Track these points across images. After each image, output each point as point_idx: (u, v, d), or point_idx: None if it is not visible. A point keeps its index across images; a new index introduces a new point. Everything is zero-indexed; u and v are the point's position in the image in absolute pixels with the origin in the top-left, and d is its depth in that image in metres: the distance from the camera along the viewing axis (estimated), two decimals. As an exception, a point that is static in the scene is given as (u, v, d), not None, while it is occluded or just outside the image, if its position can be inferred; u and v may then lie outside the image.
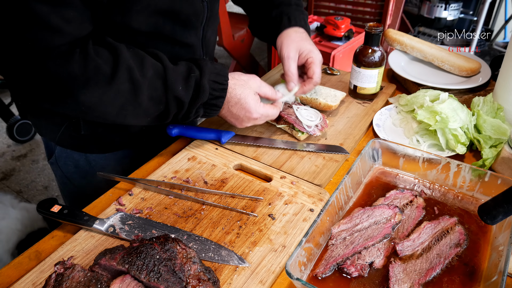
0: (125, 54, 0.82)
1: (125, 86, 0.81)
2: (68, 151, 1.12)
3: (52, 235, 0.84)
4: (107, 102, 0.81)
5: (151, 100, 0.85)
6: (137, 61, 0.83)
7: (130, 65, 0.81)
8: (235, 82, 0.95)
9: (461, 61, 1.34)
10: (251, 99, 0.96)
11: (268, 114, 1.00)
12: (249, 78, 0.98)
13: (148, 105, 0.85)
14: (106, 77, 0.79)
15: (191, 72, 0.88)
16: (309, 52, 1.08)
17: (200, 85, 0.88)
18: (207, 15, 1.02)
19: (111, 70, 0.79)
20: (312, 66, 1.08)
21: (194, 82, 0.88)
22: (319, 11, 3.37)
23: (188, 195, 0.91)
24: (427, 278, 0.73)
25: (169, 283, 0.64)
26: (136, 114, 0.87)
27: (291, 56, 1.07)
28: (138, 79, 0.82)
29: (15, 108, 3.25)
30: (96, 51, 0.79)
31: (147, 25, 0.89)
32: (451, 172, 0.91)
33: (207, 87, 0.89)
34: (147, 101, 0.85)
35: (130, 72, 0.81)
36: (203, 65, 0.90)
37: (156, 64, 0.86)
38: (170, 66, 0.87)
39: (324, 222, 0.78)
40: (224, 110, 0.97)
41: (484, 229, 0.82)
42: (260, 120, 1.01)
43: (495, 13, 3.85)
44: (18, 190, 2.78)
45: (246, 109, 0.96)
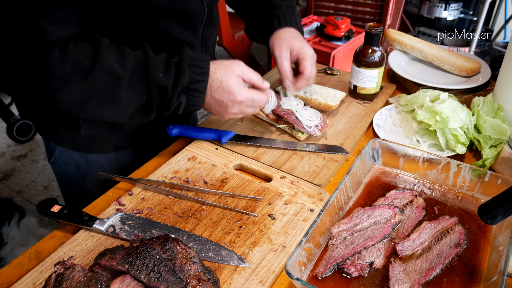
0: (105, 48, 0.81)
1: (105, 79, 0.80)
2: (68, 151, 1.12)
3: (52, 235, 0.84)
4: (86, 97, 0.81)
5: (132, 91, 0.84)
6: (118, 53, 0.83)
7: (109, 59, 0.81)
8: (216, 66, 0.93)
9: (461, 61, 1.34)
10: (233, 81, 0.92)
11: (254, 99, 0.96)
12: (231, 62, 0.96)
13: (130, 97, 0.84)
14: (85, 72, 0.78)
15: (171, 58, 0.88)
16: (299, 49, 1.09)
17: (180, 68, 0.87)
18: (207, 16, 1.02)
19: (90, 64, 0.79)
20: (303, 62, 1.09)
21: (174, 66, 0.87)
22: (319, 11, 3.37)
23: (188, 195, 0.91)
24: (427, 278, 0.73)
25: (169, 283, 0.64)
26: (118, 108, 0.85)
27: (282, 55, 1.09)
28: (119, 72, 0.81)
29: (15, 108, 3.25)
30: (77, 46, 0.78)
31: (146, 25, 0.89)
32: (451, 172, 0.91)
33: (186, 70, 0.87)
34: (128, 94, 0.84)
35: (110, 65, 0.80)
36: (182, 51, 0.89)
37: (137, 54, 0.85)
38: (151, 55, 0.86)
39: (324, 222, 0.78)
40: (208, 98, 0.94)
41: (484, 229, 0.82)
42: (245, 106, 0.96)
43: (495, 13, 3.85)
44: (18, 190, 2.78)
45: (229, 91, 0.92)
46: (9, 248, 1.92)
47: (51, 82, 0.76)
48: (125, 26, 0.87)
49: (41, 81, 0.76)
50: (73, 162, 1.14)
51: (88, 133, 1.05)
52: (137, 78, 0.84)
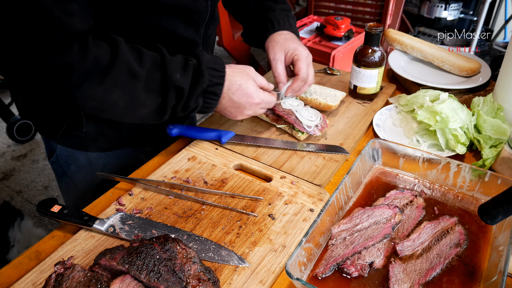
0: (123, 46, 0.82)
1: (123, 77, 0.81)
2: (69, 149, 1.12)
3: (52, 235, 0.84)
4: (105, 94, 0.81)
5: (149, 91, 0.85)
6: (135, 53, 0.83)
7: (127, 57, 0.81)
8: (232, 70, 0.96)
9: (461, 61, 1.34)
10: (251, 85, 0.97)
11: (268, 100, 1.01)
12: (245, 67, 1.00)
13: (146, 97, 0.85)
14: (104, 69, 0.79)
15: (188, 60, 0.89)
16: (294, 51, 1.10)
17: (199, 70, 0.89)
18: (210, 13, 1.02)
19: (109, 61, 0.79)
20: (297, 63, 1.09)
21: (192, 69, 0.89)
22: (319, 11, 3.37)
23: (188, 195, 0.91)
24: (427, 278, 0.73)
25: (169, 283, 0.64)
26: (133, 106, 0.86)
27: (276, 58, 1.10)
28: (136, 70, 0.82)
29: (15, 108, 3.25)
30: (95, 44, 0.79)
31: (151, 21, 0.89)
32: (451, 172, 0.91)
33: (206, 73, 0.89)
34: (145, 93, 0.84)
35: (128, 64, 0.81)
36: (199, 54, 0.91)
37: (154, 54, 0.86)
38: (168, 56, 0.87)
39: (324, 222, 0.78)
40: (224, 100, 0.96)
41: (484, 229, 0.82)
42: (259, 107, 1.01)
43: (495, 13, 3.85)
44: (18, 190, 2.78)
45: (248, 94, 0.96)
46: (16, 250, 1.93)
47: (71, 77, 0.76)
48: (131, 23, 0.88)
49: (60, 76, 0.76)
50: (74, 160, 1.14)
51: (89, 131, 1.05)
52: (154, 77, 0.85)
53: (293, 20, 1.21)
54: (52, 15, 0.71)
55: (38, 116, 1.10)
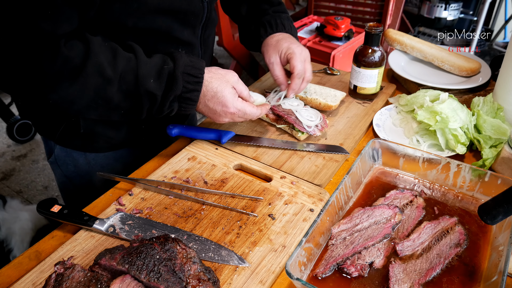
0: (96, 48, 0.80)
1: (95, 79, 0.80)
2: (68, 150, 1.12)
3: (52, 235, 0.84)
4: (76, 96, 0.80)
5: (122, 94, 0.84)
6: (109, 54, 0.82)
7: (100, 59, 0.80)
8: (211, 75, 0.93)
9: (461, 61, 1.34)
10: (227, 93, 0.93)
11: (246, 112, 0.96)
12: (226, 72, 0.96)
13: (119, 99, 0.84)
14: (75, 70, 0.78)
15: (164, 64, 0.87)
16: (287, 50, 1.09)
17: (173, 77, 0.87)
18: (206, 15, 1.02)
19: (80, 63, 0.78)
20: (291, 61, 1.08)
21: (167, 74, 0.87)
22: (319, 11, 3.37)
23: (188, 195, 0.91)
24: (427, 278, 0.73)
25: (169, 283, 0.64)
26: (108, 108, 0.85)
27: (271, 61, 1.10)
28: (108, 72, 0.81)
29: (15, 108, 3.25)
30: (68, 45, 0.78)
31: (145, 23, 0.89)
32: (451, 172, 0.91)
33: (180, 79, 0.87)
34: (118, 95, 0.83)
35: (100, 66, 0.80)
36: (177, 58, 0.88)
37: (129, 56, 0.84)
38: (143, 59, 0.85)
39: (324, 222, 0.78)
40: (201, 105, 0.94)
41: (484, 229, 0.82)
42: (237, 116, 0.96)
43: (495, 13, 3.85)
44: (18, 190, 2.78)
45: (222, 103, 0.93)
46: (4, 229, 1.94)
47: (43, 80, 0.77)
48: (124, 25, 0.87)
49: (34, 79, 0.77)
50: (72, 161, 1.14)
51: (87, 132, 1.05)
52: (127, 81, 0.83)
53: (287, 20, 1.20)
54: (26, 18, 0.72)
55: (37, 116, 1.10)
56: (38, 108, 1.07)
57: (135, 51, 0.86)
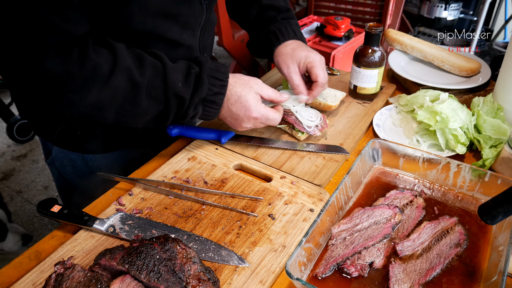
0: (124, 54, 0.82)
1: (124, 85, 0.81)
2: (65, 151, 1.12)
3: (52, 235, 0.84)
4: (105, 102, 0.81)
5: (150, 99, 0.85)
6: (136, 60, 0.83)
7: (128, 65, 0.81)
8: (235, 80, 0.94)
9: (461, 61, 1.34)
10: (251, 97, 0.94)
11: (269, 117, 0.98)
12: (250, 79, 0.98)
13: (148, 105, 0.85)
14: (104, 77, 0.79)
15: (191, 69, 0.88)
16: (306, 58, 1.08)
17: (199, 79, 0.88)
18: (206, 17, 1.02)
19: (109, 69, 0.79)
20: (313, 70, 1.07)
21: (194, 77, 0.88)
22: (319, 11, 3.37)
23: (188, 195, 0.91)
24: (427, 278, 0.73)
25: (169, 283, 0.64)
26: (135, 114, 0.86)
27: (290, 70, 1.08)
28: (137, 78, 0.82)
29: (15, 108, 3.25)
30: (95, 51, 0.79)
31: (145, 26, 0.89)
32: (451, 172, 0.91)
33: (206, 81, 0.88)
34: (147, 101, 0.84)
35: (129, 72, 0.81)
36: (203, 62, 0.90)
37: (156, 62, 0.86)
38: (169, 64, 0.87)
39: (324, 222, 0.78)
40: (224, 110, 0.95)
41: (484, 229, 0.82)
42: (259, 122, 0.98)
43: (495, 13, 3.85)
44: (18, 190, 2.78)
45: (246, 107, 0.94)
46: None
47: (70, 84, 0.76)
48: (124, 28, 0.87)
49: (59, 83, 0.76)
50: (70, 162, 1.14)
51: (84, 134, 1.05)
52: (156, 86, 0.84)
53: (296, 26, 1.19)
54: (48, 21, 0.72)
55: (35, 117, 1.10)
56: (36, 109, 1.07)
57: (159, 57, 0.87)
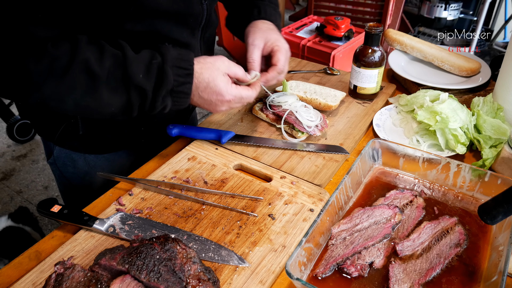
0: (83, 45, 0.80)
1: (82, 77, 0.79)
2: (67, 151, 1.12)
3: (52, 235, 0.84)
4: (65, 94, 0.79)
5: (111, 91, 0.82)
6: (96, 51, 0.81)
7: (87, 56, 0.79)
8: (201, 66, 0.90)
9: (461, 61, 1.34)
10: (220, 81, 0.90)
11: (242, 96, 0.93)
12: (216, 59, 0.93)
13: (109, 96, 0.82)
14: (61, 69, 0.77)
15: (153, 59, 0.85)
16: (275, 41, 1.05)
17: (162, 71, 0.85)
18: (206, 17, 1.01)
19: (67, 61, 0.78)
20: (277, 54, 1.04)
21: (156, 69, 0.85)
22: (319, 11, 3.37)
23: (188, 195, 0.91)
24: (427, 278, 0.73)
25: (169, 283, 0.64)
26: (98, 106, 0.84)
27: (255, 43, 1.04)
28: (96, 69, 0.80)
29: (15, 108, 3.25)
30: (54, 45, 0.78)
31: (142, 26, 0.88)
32: (451, 172, 0.91)
33: (170, 73, 0.85)
34: (107, 93, 0.82)
35: (87, 63, 0.79)
36: (165, 52, 0.86)
37: (117, 53, 0.83)
38: (130, 55, 0.84)
39: (324, 222, 0.78)
40: (195, 98, 0.92)
41: (484, 229, 0.82)
42: (234, 103, 0.94)
43: (495, 13, 3.85)
44: (18, 190, 2.78)
45: (216, 92, 0.90)
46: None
47: (29, 79, 0.76)
48: (122, 29, 0.87)
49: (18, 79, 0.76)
50: (72, 162, 1.14)
51: (86, 133, 1.05)
52: (115, 77, 0.82)
53: (279, 16, 1.17)
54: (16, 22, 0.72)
55: (36, 117, 1.10)
56: (37, 109, 1.07)
57: (122, 47, 0.84)
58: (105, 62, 0.81)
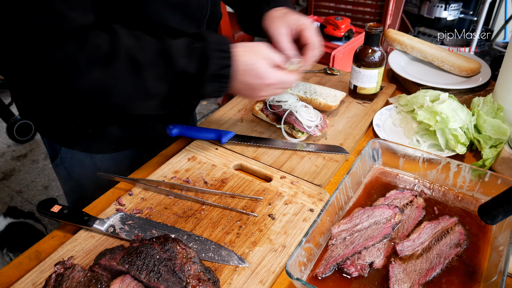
0: (122, 33, 0.79)
1: (126, 65, 0.78)
2: (74, 152, 1.10)
3: (52, 235, 0.84)
4: (109, 84, 0.78)
5: (155, 78, 0.81)
6: (135, 39, 0.80)
7: (128, 43, 0.78)
8: (241, 49, 0.89)
9: (461, 61, 1.34)
10: (261, 64, 0.88)
11: (283, 79, 0.91)
12: (255, 44, 0.92)
13: (153, 85, 0.81)
14: (105, 57, 0.76)
15: (193, 43, 0.84)
16: (297, 22, 1.02)
17: (205, 54, 0.83)
18: (210, 9, 1.00)
19: (109, 49, 0.77)
20: (305, 33, 1.02)
21: (198, 52, 0.83)
22: (319, 11, 3.37)
23: (188, 195, 0.91)
24: (427, 278, 0.73)
25: (169, 283, 0.64)
26: (141, 96, 0.82)
27: (280, 32, 1.02)
28: (139, 57, 0.79)
29: (15, 108, 3.25)
30: (94, 33, 0.77)
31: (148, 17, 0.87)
32: (451, 172, 0.91)
33: (213, 55, 0.84)
34: (152, 81, 0.81)
35: (129, 50, 0.78)
36: (205, 35, 0.85)
37: (155, 40, 0.82)
38: (170, 40, 0.83)
39: (324, 222, 0.78)
40: (236, 82, 0.89)
41: (484, 229, 0.82)
42: (275, 87, 0.92)
43: (495, 13, 3.85)
44: (18, 190, 2.78)
45: (258, 75, 0.88)
46: None
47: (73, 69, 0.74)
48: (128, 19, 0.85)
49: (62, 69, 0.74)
50: (79, 163, 1.12)
51: (96, 132, 1.03)
52: (159, 64, 0.81)
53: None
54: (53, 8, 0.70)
55: (41, 118, 1.08)
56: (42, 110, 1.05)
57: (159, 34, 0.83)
58: (147, 49, 0.80)
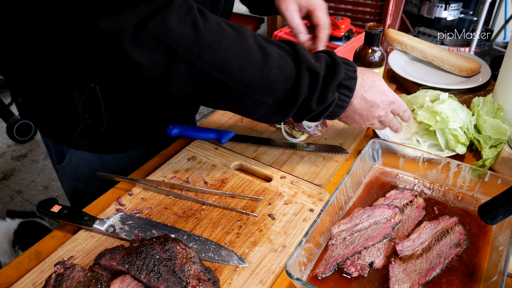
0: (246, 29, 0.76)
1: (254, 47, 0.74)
2: (81, 153, 1.07)
3: (52, 235, 0.84)
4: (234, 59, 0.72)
5: (279, 71, 0.76)
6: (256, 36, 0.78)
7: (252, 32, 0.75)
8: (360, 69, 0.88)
9: (461, 61, 1.34)
10: (383, 82, 0.89)
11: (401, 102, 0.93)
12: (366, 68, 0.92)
13: (276, 78, 0.76)
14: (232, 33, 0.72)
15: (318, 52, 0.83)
16: (308, 1, 1.02)
17: (333, 61, 0.81)
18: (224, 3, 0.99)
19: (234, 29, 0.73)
20: (315, 13, 1.02)
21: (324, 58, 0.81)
22: (319, 11, 3.36)
23: (188, 195, 0.91)
24: (427, 278, 0.73)
25: (169, 283, 0.64)
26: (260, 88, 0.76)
27: (290, 9, 1.02)
28: (264, 44, 0.76)
29: (15, 108, 3.25)
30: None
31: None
32: (451, 172, 0.91)
33: (341, 63, 0.81)
34: (276, 72, 0.76)
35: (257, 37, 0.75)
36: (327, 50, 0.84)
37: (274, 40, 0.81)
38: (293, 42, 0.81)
39: (324, 222, 0.78)
40: (355, 99, 0.86)
41: (484, 229, 0.82)
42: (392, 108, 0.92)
43: (495, 13, 3.85)
44: (18, 190, 2.78)
45: (382, 91, 0.88)
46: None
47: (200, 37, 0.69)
48: None
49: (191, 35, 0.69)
50: (86, 164, 1.09)
51: (109, 129, 1.01)
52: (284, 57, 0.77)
53: None
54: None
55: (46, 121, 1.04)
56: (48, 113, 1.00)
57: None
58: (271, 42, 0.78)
